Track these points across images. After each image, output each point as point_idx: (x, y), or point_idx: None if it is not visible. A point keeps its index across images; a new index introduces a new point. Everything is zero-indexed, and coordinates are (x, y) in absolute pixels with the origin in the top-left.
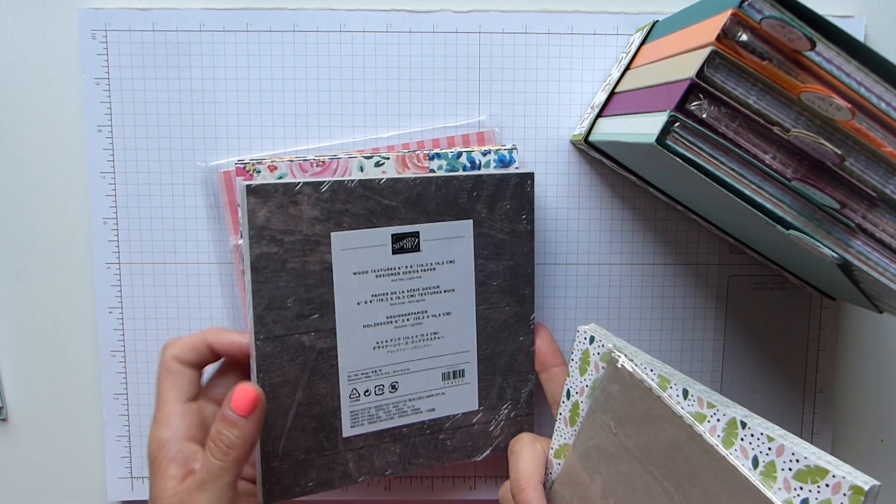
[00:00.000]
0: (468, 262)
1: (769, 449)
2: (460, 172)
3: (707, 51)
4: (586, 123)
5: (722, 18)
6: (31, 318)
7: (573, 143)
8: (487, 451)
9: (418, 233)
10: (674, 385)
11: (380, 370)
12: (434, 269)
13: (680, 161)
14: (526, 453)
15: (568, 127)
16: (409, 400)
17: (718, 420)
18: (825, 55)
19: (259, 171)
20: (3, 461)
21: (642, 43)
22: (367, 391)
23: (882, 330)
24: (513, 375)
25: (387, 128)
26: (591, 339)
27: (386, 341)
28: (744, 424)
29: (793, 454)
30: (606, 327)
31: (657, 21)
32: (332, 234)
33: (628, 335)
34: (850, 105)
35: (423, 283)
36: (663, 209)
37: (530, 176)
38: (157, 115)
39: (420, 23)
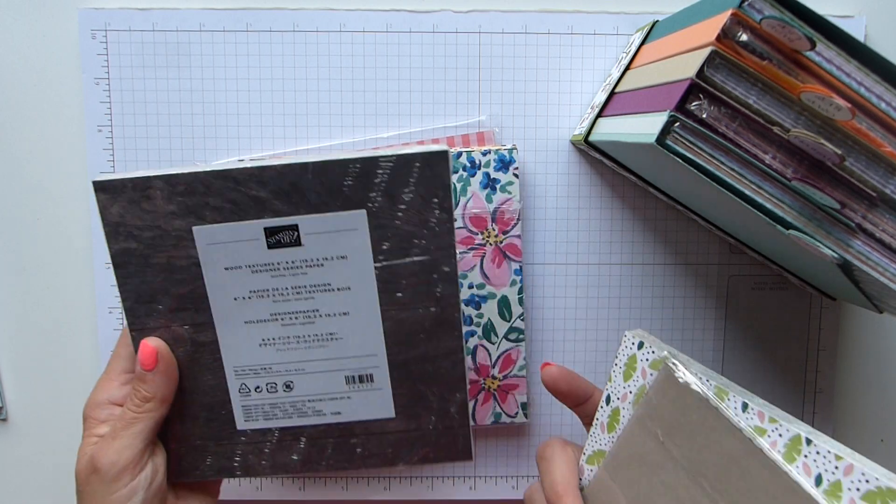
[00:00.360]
0: (364, 257)
1: (836, 468)
2: (343, 154)
3: (707, 51)
4: (586, 123)
5: (722, 18)
6: (31, 318)
7: (573, 143)
8: (415, 460)
9: (297, 226)
10: (732, 397)
11: (270, 368)
12: (322, 265)
13: (680, 161)
14: (559, 458)
15: (568, 127)
16: (309, 401)
17: (780, 435)
18: (825, 55)
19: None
20: (3, 461)
21: (642, 43)
22: (258, 387)
23: (882, 330)
24: (437, 384)
25: (387, 128)
26: (640, 345)
27: (273, 339)
28: (809, 441)
29: (863, 474)
30: (606, 327)
31: (657, 21)
32: (194, 228)
33: None
34: (850, 105)
35: (310, 280)
36: (663, 209)
37: (443, 155)
38: (157, 115)
39: (420, 23)
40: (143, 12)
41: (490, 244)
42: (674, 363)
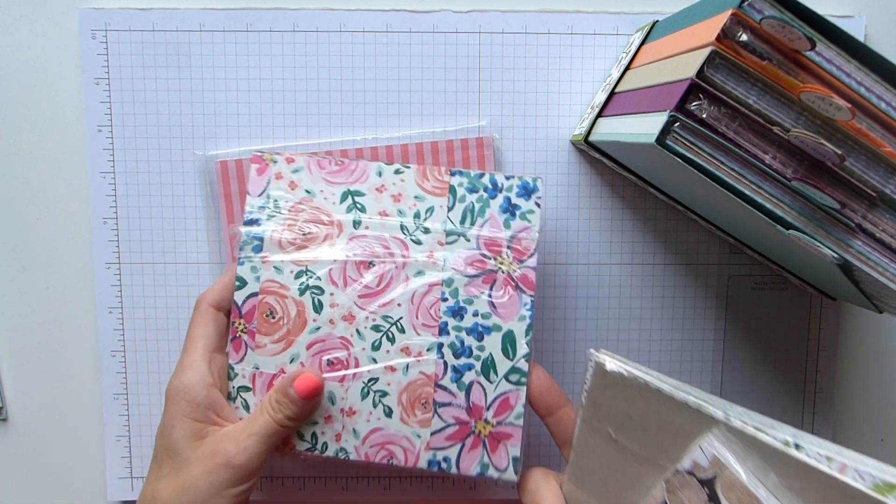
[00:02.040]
0: None
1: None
2: None
3: (707, 51)
4: (586, 123)
5: (722, 18)
6: (31, 318)
7: (573, 143)
8: None
9: None
10: (691, 393)
11: None
12: None
13: (680, 161)
14: (543, 489)
15: (568, 127)
16: None
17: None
18: (825, 55)
19: (276, 161)
20: (3, 461)
21: (642, 43)
22: None
23: (882, 330)
24: None
25: (387, 128)
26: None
27: None
28: (798, 446)
29: (856, 471)
30: (606, 327)
31: (657, 21)
32: None
33: (628, 335)
34: (850, 105)
35: None
36: (663, 209)
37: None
38: (157, 116)
39: (420, 23)
40: (143, 12)
41: (502, 272)
42: (602, 357)
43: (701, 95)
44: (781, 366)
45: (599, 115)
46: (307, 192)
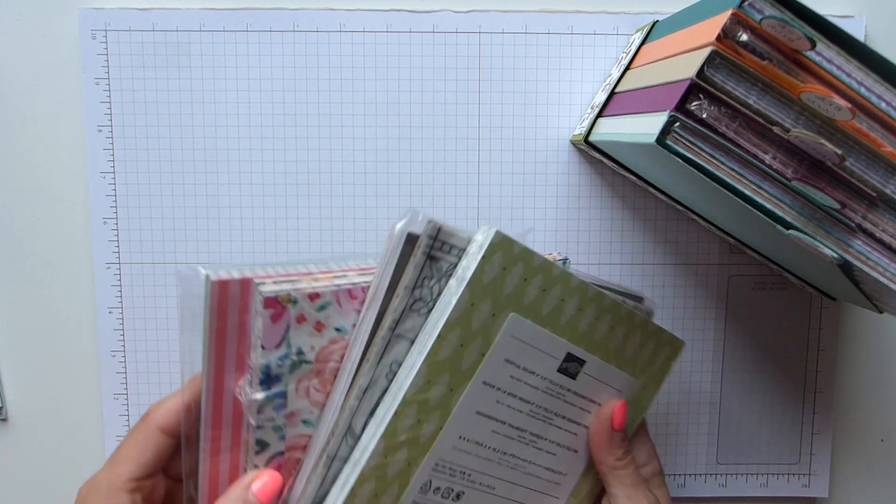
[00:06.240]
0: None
1: None
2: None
3: (707, 51)
4: (586, 123)
5: (722, 18)
6: (31, 318)
7: (573, 143)
8: None
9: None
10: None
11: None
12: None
13: (680, 161)
14: None
15: (568, 127)
16: None
17: None
18: (825, 55)
19: (296, 302)
20: (3, 461)
21: (642, 43)
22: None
23: (882, 330)
24: None
25: (387, 127)
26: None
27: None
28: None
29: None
30: None
31: (657, 21)
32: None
33: None
34: (850, 105)
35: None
36: (663, 209)
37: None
38: (157, 115)
39: (420, 23)
40: (143, 12)
41: None
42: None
43: (701, 95)
44: (781, 366)
45: (599, 115)
46: (337, 330)
